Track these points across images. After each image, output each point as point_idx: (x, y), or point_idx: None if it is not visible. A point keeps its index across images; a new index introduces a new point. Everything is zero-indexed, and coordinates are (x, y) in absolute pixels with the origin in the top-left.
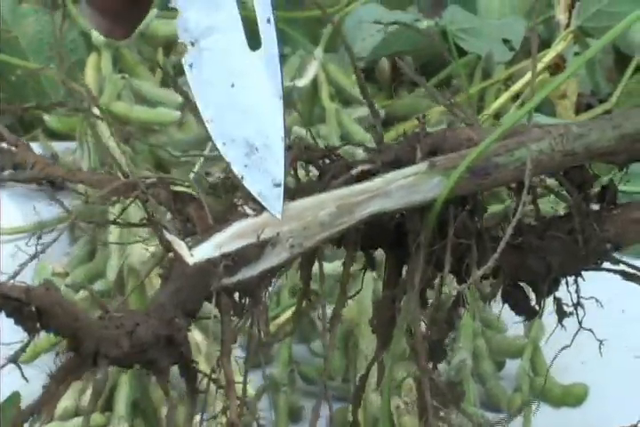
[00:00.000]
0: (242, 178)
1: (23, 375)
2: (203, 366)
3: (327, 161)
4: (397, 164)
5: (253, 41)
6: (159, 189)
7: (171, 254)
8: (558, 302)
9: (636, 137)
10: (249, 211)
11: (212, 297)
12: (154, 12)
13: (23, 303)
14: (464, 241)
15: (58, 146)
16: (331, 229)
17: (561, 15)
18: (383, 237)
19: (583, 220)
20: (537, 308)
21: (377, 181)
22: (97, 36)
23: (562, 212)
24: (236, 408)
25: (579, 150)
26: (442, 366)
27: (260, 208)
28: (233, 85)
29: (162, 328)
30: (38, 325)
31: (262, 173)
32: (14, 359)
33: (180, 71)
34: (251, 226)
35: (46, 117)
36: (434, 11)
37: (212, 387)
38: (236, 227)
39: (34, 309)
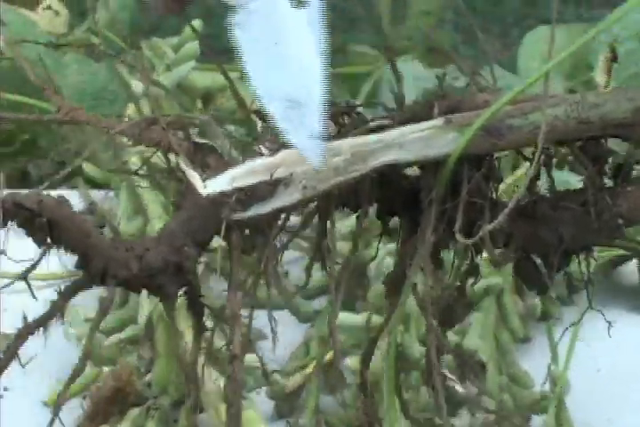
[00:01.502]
0: (284, 132)
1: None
2: (223, 409)
3: (347, 117)
4: (415, 121)
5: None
6: (181, 140)
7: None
8: (569, 277)
9: None
10: (264, 150)
11: (222, 231)
12: (192, 63)
13: (35, 214)
14: (477, 200)
15: (96, 194)
16: (344, 174)
17: (600, 77)
18: (398, 197)
19: (596, 193)
20: (548, 283)
21: (392, 133)
22: (136, 87)
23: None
24: (239, 342)
25: (593, 119)
26: (466, 420)
27: (274, 148)
28: (277, 43)
29: (171, 255)
30: (49, 238)
31: (302, 125)
32: (24, 277)
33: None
34: (265, 165)
35: (85, 166)
36: None
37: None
38: (251, 164)
39: (45, 220)
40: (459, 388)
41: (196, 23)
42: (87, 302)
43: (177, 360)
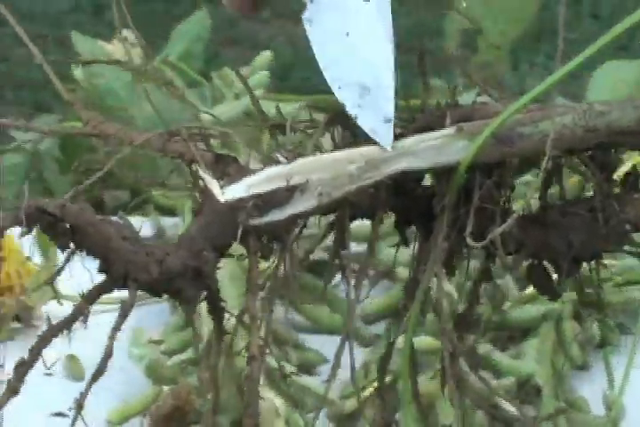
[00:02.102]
0: (355, 117)
1: None
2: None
3: None
4: (428, 130)
5: None
6: (203, 151)
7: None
8: (579, 281)
9: None
10: (281, 159)
11: (241, 237)
12: (260, 92)
13: (57, 219)
14: (488, 207)
15: (166, 221)
16: (358, 181)
17: None
18: (414, 206)
19: (604, 199)
20: (559, 289)
21: (406, 141)
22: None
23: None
24: (258, 343)
25: (600, 127)
26: None
27: (291, 156)
28: (347, 34)
29: (190, 259)
30: (72, 243)
31: (374, 110)
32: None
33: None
34: (282, 172)
35: (154, 193)
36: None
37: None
38: (268, 171)
39: (68, 226)
40: (512, 410)
41: (266, 54)
42: (151, 323)
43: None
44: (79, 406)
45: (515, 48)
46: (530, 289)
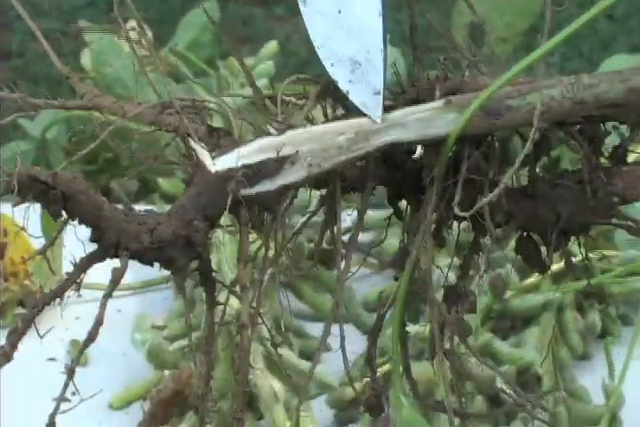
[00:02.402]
0: (347, 92)
1: None
2: (280, 415)
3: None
4: (417, 102)
5: None
6: (197, 125)
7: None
8: (566, 255)
9: None
10: (272, 130)
11: (231, 207)
12: (265, 81)
13: (49, 187)
14: (477, 178)
15: None
16: (348, 153)
17: None
18: (405, 179)
19: (592, 171)
20: (547, 261)
21: (395, 113)
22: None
23: None
24: (248, 311)
25: (588, 99)
26: None
27: (282, 128)
28: (340, 11)
29: (181, 228)
30: (63, 211)
31: (364, 84)
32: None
33: None
34: (272, 143)
35: (160, 181)
36: None
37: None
38: (258, 143)
39: (60, 193)
40: (512, 398)
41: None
42: (155, 310)
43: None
44: None
45: (529, 48)
46: (531, 279)
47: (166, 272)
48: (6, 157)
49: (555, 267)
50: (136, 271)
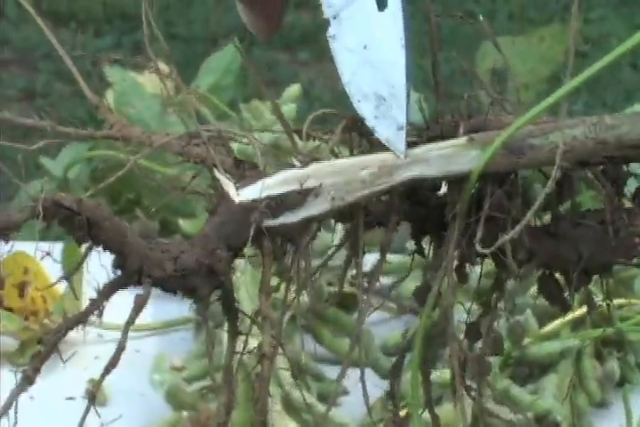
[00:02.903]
0: (374, 129)
1: None
2: None
3: None
4: (441, 139)
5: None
6: (223, 156)
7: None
8: (588, 293)
9: None
10: (296, 162)
11: (255, 237)
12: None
13: (74, 213)
14: (499, 215)
15: None
16: (371, 187)
17: None
18: (429, 216)
19: (614, 212)
20: (569, 300)
21: (418, 149)
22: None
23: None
24: (270, 342)
25: (610, 140)
26: None
27: (306, 160)
28: (365, 47)
29: (204, 257)
30: (88, 237)
31: (389, 120)
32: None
33: None
34: (296, 175)
35: (181, 222)
36: None
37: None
38: (283, 175)
39: (84, 219)
40: None
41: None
42: (174, 351)
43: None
44: None
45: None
46: (550, 326)
47: (185, 313)
48: (31, 194)
49: (573, 314)
50: (155, 312)
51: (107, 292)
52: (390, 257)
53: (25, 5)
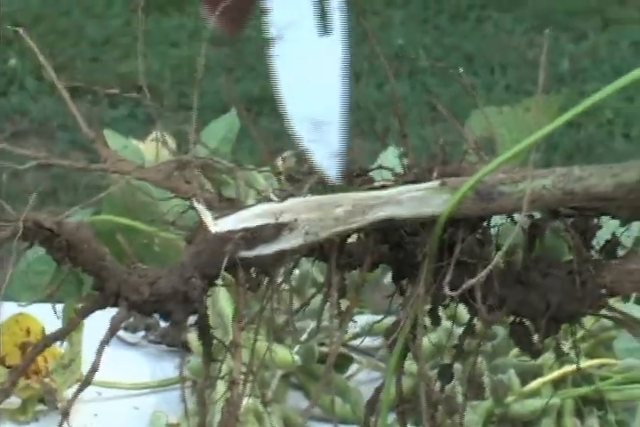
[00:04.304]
0: (308, 151)
1: None
2: None
3: (359, 178)
4: (415, 183)
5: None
6: (209, 190)
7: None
8: (557, 340)
9: (632, 187)
10: (274, 197)
11: (230, 268)
12: None
13: (54, 234)
14: (469, 260)
15: None
16: (344, 225)
17: None
18: (406, 258)
19: (582, 263)
20: (539, 347)
21: (392, 191)
22: None
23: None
24: (240, 369)
25: (578, 191)
26: None
27: (283, 195)
28: (306, 70)
29: (180, 284)
30: (67, 258)
31: (323, 145)
32: None
33: None
34: (272, 209)
35: None
36: None
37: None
38: (260, 208)
39: (64, 241)
40: None
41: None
42: (171, 408)
43: None
44: None
45: (548, 164)
46: (532, 384)
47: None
48: (34, 258)
49: (555, 374)
50: (154, 371)
51: (84, 312)
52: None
53: (54, 80)
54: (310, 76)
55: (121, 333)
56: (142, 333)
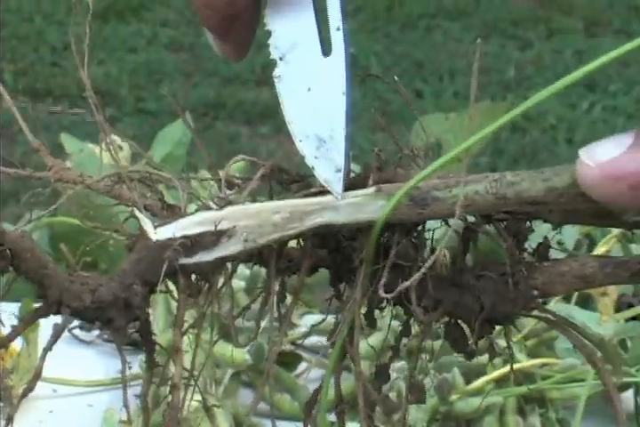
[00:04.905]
0: (312, 168)
1: None
2: None
3: (297, 184)
4: (353, 190)
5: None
6: (152, 199)
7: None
8: (491, 341)
9: (562, 191)
10: (213, 205)
11: (171, 274)
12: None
13: None
14: (404, 263)
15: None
16: (282, 231)
17: None
18: (343, 263)
19: (515, 265)
20: (474, 348)
21: (329, 197)
22: None
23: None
24: (181, 373)
25: (510, 195)
26: None
27: (222, 204)
28: (309, 89)
29: (121, 291)
30: (10, 266)
31: (328, 161)
32: None
33: None
34: (212, 217)
35: None
36: None
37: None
38: (199, 216)
39: (7, 250)
40: None
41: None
42: (122, 404)
43: None
44: None
45: (494, 169)
46: (475, 383)
47: (136, 369)
48: None
49: (497, 373)
50: (107, 369)
51: (29, 319)
52: (331, 318)
53: None
54: (314, 94)
55: (76, 331)
56: (97, 331)
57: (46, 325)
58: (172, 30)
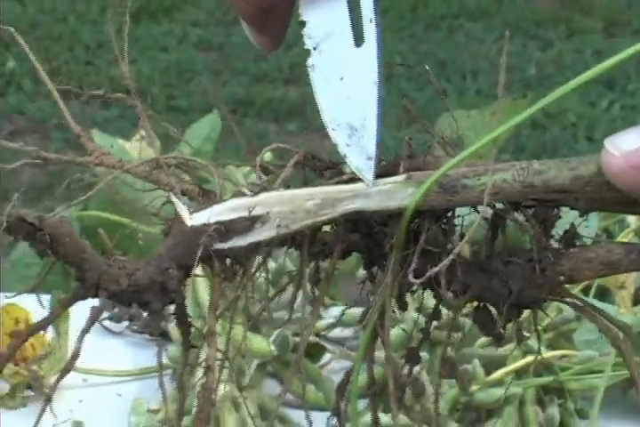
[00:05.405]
0: (345, 156)
1: None
2: None
3: (330, 171)
4: (383, 177)
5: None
6: (189, 185)
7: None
8: (518, 325)
9: (588, 180)
10: (247, 191)
11: (206, 259)
12: None
13: (36, 228)
14: (434, 249)
15: None
16: (315, 217)
17: (631, 218)
18: (375, 247)
19: (542, 251)
20: (502, 331)
21: (360, 185)
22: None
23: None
24: (215, 355)
25: (537, 184)
26: None
27: (256, 190)
28: (342, 78)
29: (157, 275)
30: (49, 251)
31: (359, 149)
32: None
33: None
34: (246, 203)
35: None
36: None
37: None
38: (234, 202)
39: (46, 235)
40: None
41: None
42: (152, 394)
43: None
44: None
45: None
46: (495, 374)
47: (164, 360)
48: (18, 257)
49: (517, 364)
50: (136, 359)
51: (66, 302)
52: (351, 310)
53: (45, 81)
54: (347, 83)
55: (106, 322)
56: (126, 323)
57: (77, 317)
58: (202, 30)
